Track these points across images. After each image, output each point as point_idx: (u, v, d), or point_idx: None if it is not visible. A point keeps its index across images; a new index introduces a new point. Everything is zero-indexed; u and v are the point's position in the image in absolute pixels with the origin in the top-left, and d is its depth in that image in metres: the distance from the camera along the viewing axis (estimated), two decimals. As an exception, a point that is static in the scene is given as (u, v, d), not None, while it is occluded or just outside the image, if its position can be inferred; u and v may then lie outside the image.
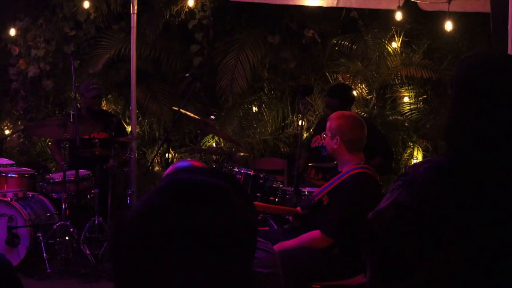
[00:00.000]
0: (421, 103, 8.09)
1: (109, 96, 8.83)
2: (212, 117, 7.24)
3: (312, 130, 7.24)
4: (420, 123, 7.95)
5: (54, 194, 6.35)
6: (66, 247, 5.91)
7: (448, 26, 7.20)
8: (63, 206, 5.98)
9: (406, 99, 8.16)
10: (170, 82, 8.87)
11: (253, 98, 8.65)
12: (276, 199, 5.88)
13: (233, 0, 7.63)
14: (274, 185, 5.99)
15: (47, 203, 6.32)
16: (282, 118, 8.57)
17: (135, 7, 7.40)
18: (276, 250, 2.55)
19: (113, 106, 8.82)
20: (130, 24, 7.59)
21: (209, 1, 8.34)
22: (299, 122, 7.48)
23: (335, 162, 4.22)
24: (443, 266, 1.81)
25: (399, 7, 7.02)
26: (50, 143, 7.63)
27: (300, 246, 3.91)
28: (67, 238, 5.92)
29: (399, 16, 7.24)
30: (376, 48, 8.16)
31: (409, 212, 1.84)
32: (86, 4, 8.51)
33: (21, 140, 9.07)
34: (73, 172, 6.20)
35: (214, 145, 8.35)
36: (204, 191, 1.15)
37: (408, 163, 7.66)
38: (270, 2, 7.71)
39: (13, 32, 8.96)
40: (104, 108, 8.21)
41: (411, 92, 8.14)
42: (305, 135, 7.71)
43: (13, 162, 7.06)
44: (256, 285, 1.37)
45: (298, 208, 4.32)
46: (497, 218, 1.83)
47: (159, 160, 8.46)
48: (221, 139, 8.20)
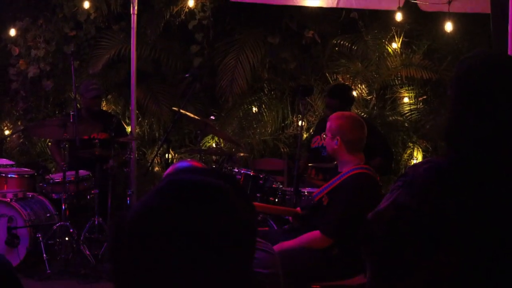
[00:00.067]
0: (421, 104, 8.09)
1: (109, 97, 8.83)
2: (212, 118, 7.24)
3: (312, 131, 7.24)
4: (420, 124, 7.95)
5: (54, 195, 6.34)
6: (66, 248, 5.90)
7: (448, 27, 7.19)
8: (63, 207, 5.98)
9: (406, 100, 8.16)
10: (170, 83, 8.87)
11: (253, 99, 8.65)
12: (276, 200, 5.88)
13: (233, 1, 7.62)
14: (274, 186, 5.99)
15: (47, 204, 6.32)
16: (282, 119, 8.56)
17: (135, 8, 7.40)
18: (276, 251, 2.56)
19: (113, 107, 8.82)
20: (130, 25, 7.58)
21: (209, 2, 8.33)
22: (299, 123, 7.48)
23: (335, 163, 4.22)
24: (443, 267, 1.81)
25: (399, 8, 7.01)
26: (50, 144, 7.63)
27: (300, 247, 3.91)
28: (67, 239, 5.92)
29: (399, 17, 7.23)
30: (376, 49, 8.16)
31: (409, 213, 1.84)
32: (86, 4, 8.50)
33: (21, 141, 9.07)
34: (73, 173, 6.20)
35: (214, 146, 8.34)
36: (204, 192, 1.15)
37: (408, 164, 7.66)
38: (270, 3, 7.71)
39: (13, 32, 8.96)
40: (104, 109, 8.20)
41: (411, 93, 8.14)
42: (305, 136, 7.71)
43: (13, 163, 7.04)
44: (256, 286, 1.37)
45: (298, 209, 4.32)
46: (497, 219, 1.83)
47: (159, 161, 8.46)
48: (221, 140, 8.20)
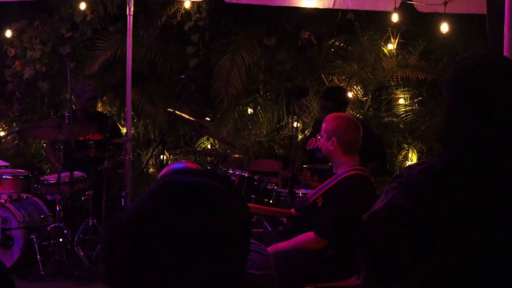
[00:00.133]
0: (417, 105, 8.11)
1: (105, 98, 8.82)
2: (207, 119, 7.23)
3: (308, 132, 7.24)
4: (415, 125, 7.96)
5: (49, 196, 6.33)
6: (60, 249, 5.88)
7: (444, 28, 7.20)
8: (57, 208, 5.95)
9: (402, 101, 8.17)
10: (166, 84, 8.87)
11: (248, 100, 8.65)
12: (271, 201, 5.87)
13: (229, 2, 7.62)
14: (269, 187, 5.98)
15: (41, 205, 6.30)
16: (277, 120, 8.56)
17: (131, 9, 7.39)
18: (270, 252, 2.55)
19: (109, 108, 8.81)
20: (126, 26, 7.57)
21: (205, 3, 8.33)
22: (294, 124, 7.48)
23: (330, 164, 4.22)
24: (438, 268, 1.81)
25: (396, 9, 7.02)
26: (45, 145, 7.62)
27: (294, 248, 3.91)
28: (61, 240, 5.90)
29: (395, 18, 7.23)
30: (372, 50, 8.16)
31: (404, 214, 1.84)
32: (83, 6, 8.48)
33: (16, 142, 9.05)
34: (68, 174, 6.18)
35: (209, 147, 8.34)
36: (199, 193, 1.15)
37: (403, 165, 7.67)
38: (266, 4, 7.71)
39: (9, 34, 8.93)
40: (100, 110, 8.19)
41: (407, 94, 8.15)
42: (300, 137, 7.71)
43: (8, 164, 7.03)
44: (250, 287, 1.37)
45: (293, 210, 4.32)
46: (493, 220, 1.83)
47: (154, 162, 8.45)
48: (216, 141, 8.20)
